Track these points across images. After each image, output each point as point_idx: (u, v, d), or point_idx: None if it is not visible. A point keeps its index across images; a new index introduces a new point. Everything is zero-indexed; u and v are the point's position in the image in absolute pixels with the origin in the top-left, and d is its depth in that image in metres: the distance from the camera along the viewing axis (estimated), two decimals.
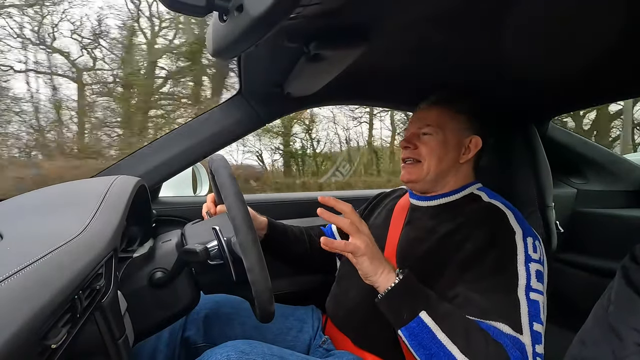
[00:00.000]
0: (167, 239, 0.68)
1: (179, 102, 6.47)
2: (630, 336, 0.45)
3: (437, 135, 0.76)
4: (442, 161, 0.76)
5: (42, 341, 0.28)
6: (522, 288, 0.59)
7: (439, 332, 0.55)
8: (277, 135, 7.59)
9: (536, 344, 0.55)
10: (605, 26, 0.59)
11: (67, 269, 0.34)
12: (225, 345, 0.59)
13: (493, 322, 0.56)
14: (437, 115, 0.78)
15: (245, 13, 0.40)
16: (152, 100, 6.21)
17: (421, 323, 0.56)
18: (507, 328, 0.55)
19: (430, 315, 0.56)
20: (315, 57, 0.67)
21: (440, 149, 0.75)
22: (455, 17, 0.59)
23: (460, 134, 0.77)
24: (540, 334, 0.57)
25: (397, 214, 0.85)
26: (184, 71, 6.44)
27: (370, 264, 0.59)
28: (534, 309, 0.57)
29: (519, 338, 0.55)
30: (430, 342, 0.55)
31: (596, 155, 1.35)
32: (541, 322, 0.57)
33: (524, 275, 0.60)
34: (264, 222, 0.90)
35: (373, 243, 0.61)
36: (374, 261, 0.60)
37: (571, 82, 0.86)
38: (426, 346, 0.55)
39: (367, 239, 0.60)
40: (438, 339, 0.54)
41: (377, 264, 0.60)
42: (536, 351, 0.55)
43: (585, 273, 1.25)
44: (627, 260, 0.51)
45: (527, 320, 0.56)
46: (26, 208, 0.50)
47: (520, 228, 0.66)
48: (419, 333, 0.56)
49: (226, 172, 0.60)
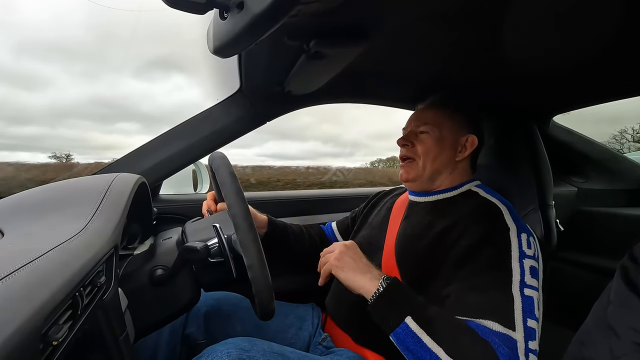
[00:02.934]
0: (167, 236, 0.68)
1: None
2: (628, 335, 0.45)
3: (434, 134, 0.77)
4: (437, 159, 0.77)
5: (43, 338, 0.28)
6: (517, 284, 0.59)
7: (424, 336, 0.55)
8: None
9: (529, 339, 0.55)
10: (606, 24, 0.58)
11: (68, 266, 0.34)
12: (225, 343, 0.59)
13: (482, 321, 0.56)
14: (434, 114, 0.79)
15: (245, 11, 0.40)
16: None
17: (406, 329, 0.57)
18: (497, 326, 0.55)
19: (415, 320, 0.57)
20: (315, 55, 0.66)
21: (436, 147, 0.77)
22: (455, 15, 0.59)
23: (457, 132, 0.77)
24: (535, 330, 0.57)
25: (396, 211, 0.85)
26: None
27: (346, 275, 0.65)
28: (527, 305, 0.58)
29: (509, 335, 0.55)
30: (416, 346, 0.55)
31: (597, 154, 1.35)
32: (535, 318, 0.57)
33: (518, 271, 0.60)
34: (264, 220, 0.90)
35: (348, 255, 0.67)
36: (350, 272, 0.65)
37: (572, 80, 0.86)
38: (413, 351, 0.56)
39: (337, 253, 0.68)
40: (424, 343, 0.55)
41: (356, 273, 0.65)
42: (529, 347, 0.55)
43: (586, 272, 1.25)
44: (626, 259, 0.51)
45: (520, 316, 0.56)
46: (27, 205, 0.50)
47: (514, 224, 0.66)
48: (404, 338, 0.57)
49: (227, 169, 0.60)
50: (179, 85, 32.56)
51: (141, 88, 47.93)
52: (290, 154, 13.97)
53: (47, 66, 30.66)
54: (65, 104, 23.32)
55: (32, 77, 28.88)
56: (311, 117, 16.96)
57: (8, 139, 9.62)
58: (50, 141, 17.72)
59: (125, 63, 21.71)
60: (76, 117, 20.90)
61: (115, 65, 22.46)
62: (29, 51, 25.97)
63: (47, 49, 30.67)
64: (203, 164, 1.37)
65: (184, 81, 21.65)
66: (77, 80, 24.19)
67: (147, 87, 51.47)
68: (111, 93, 24.28)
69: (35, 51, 27.70)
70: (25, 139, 13.95)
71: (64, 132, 17.01)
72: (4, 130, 12.28)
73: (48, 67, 32.59)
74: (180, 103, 18.10)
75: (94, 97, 22.64)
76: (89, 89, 23.03)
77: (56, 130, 20.40)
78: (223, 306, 0.83)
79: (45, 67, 30.54)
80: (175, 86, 40.68)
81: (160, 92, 50.92)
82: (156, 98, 48.03)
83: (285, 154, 13.82)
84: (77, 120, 20.79)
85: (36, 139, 15.43)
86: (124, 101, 23.88)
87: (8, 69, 23.23)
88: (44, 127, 20.44)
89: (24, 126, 16.11)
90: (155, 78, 53.80)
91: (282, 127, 8.98)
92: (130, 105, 27.81)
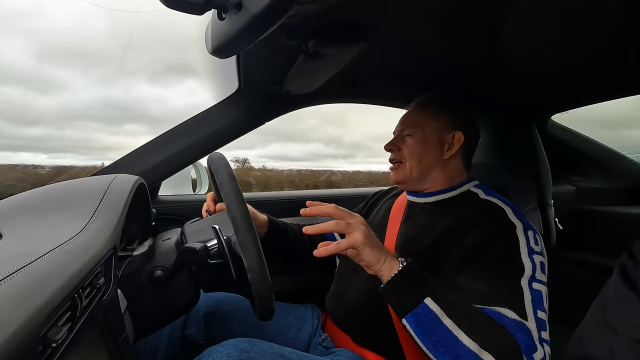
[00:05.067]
0: (166, 237, 0.68)
1: None
2: (626, 332, 0.45)
3: (417, 135, 0.78)
4: (423, 159, 0.77)
5: (42, 339, 0.28)
6: (527, 278, 0.59)
7: (444, 318, 0.54)
8: None
9: (542, 330, 0.56)
10: (605, 23, 0.58)
11: (67, 267, 0.34)
12: (225, 344, 0.59)
13: (498, 308, 0.56)
14: (417, 116, 0.80)
15: (244, 11, 0.40)
16: None
17: (427, 309, 0.55)
18: (512, 313, 0.56)
19: (435, 301, 0.55)
20: (313, 55, 0.66)
21: (420, 148, 0.77)
22: (453, 14, 0.59)
23: (441, 131, 0.77)
24: (545, 321, 0.57)
25: (395, 212, 0.85)
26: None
27: (371, 252, 0.58)
28: (537, 297, 0.58)
29: (524, 323, 0.55)
30: (436, 328, 0.54)
31: (595, 153, 1.35)
32: (544, 311, 0.58)
33: (529, 267, 0.61)
34: (264, 220, 0.90)
35: (369, 230, 0.60)
36: (374, 249, 0.58)
37: (571, 79, 0.86)
38: (432, 332, 0.54)
39: (363, 227, 0.59)
40: (444, 325, 0.54)
41: (379, 251, 0.59)
42: (542, 337, 0.55)
43: (584, 270, 1.25)
44: (624, 257, 0.52)
45: (531, 307, 0.57)
46: (26, 207, 0.50)
47: (520, 222, 0.66)
48: (424, 319, 0.55)
49: (226, 170, 0.60)
50: (191, 89, 31.90)
51: (154, 92, 47.35)
52: (292, 155, 14.02)
53: (66, 71, 30.63)
54: (77, 107, 23.27)
55: (49, 81, 28.78)
56: (316, 119, 16.98)
57: (13, 140, 9.69)
58: (55, 142, 17.45)
59: (142, 68, 21.41)
60: (86, 119, 20.76)
61: (132, 70, 22.27)
62: (51, 56, 25.91)
63: (68, 55, 30.70)
64: (202, 164, 1.37)
65: (196, 85, 21.73)
66: (93, 84, 24.17)
67: (161, 91, 50.80)
68: (124, 96, 24.05)
69: (57, 56, 27.65)
70: (30, 139, 13.86)
71: (70, 133, 16.83)
72: (13, 131, 12.15)
73: (67, 71, 32.38)
74: (190, 106, 18.22)
75: (106, 100, 22.55)
76: (103, 92, 22.92)
77: (63, 131, 20.04)
78: (223, 307, 0.83)
79: (63, 72, 30.47)
80: (188, 90, 39.90)
81: (172, 95, 50.30)
82: (167, 101, 47.35)
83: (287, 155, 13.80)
84: (86, 122, 20.57)
85: (41, 140, 15.23)
86: (136, 105, 23.69)
87: (29, 73, 22.92)
88: (51, 129, 20.27)
89: (31, 127, 16.01)
90: (169, 82, 52.93)
91: (287, 129, 9.11)
92: (141, 108, 27.54)
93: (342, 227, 0.58)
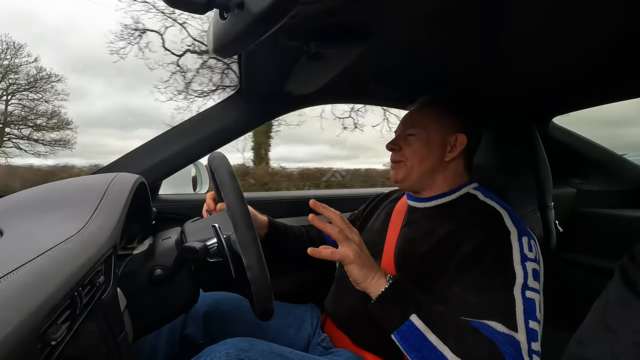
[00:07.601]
0: (166, 236, 0.68)
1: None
2: (627, 335, 0.45)
3: (420, 136, 0.77)
4: (425, 161, 0.76)
5: (42, 337, 0.28)
6: (519, 286, 0.59)
7: (429, 334, 0.55)
8: None
9: (532, 341, 0.56)
10: (606, 26, 0.58)
11: (67, 265, 0.34)
12: (224, 343, 0.59)
13: (487, 321, 0.57)
14: (420, 116, 0.79)
15: (245, 11, 0.40)
16: None
17: (412, 326, 0.57)
18: (501, 326, 0.56)
19: (420, 318, 0.57)
20: (315, 56, 0.66)
21: (423, 148, 0.76)
22: (455, 16, 0.59)
23: (444, 132, 0.77)
24: (537, 332, 0.57)
25: (395, 216, 0.85)
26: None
27: (360, 271, 0.60)
28: (529, 307, 0.58)
29: (513, 336, 0.55)
30: (421, 344, 0.55)
31: (596, 155, 1.35)
32: (537, 320, 0.58)
33: (521, 274, 0.60)
34: (264, 222, 0.90)
35: (363, 250, 0.62)
36: (363, 268, 0.61)
37: (572, 82, 0.86)
38: (417, 348, 0.56)
39: (356, 247, 0.61)
40: (429, 341, 0.55)
41: (367, 271, 0.61)
42: (532, 348, 0.55)
43: (585, 273, 1.25)
44: (625, 260, 0.51)
45: (522, 318, 0.57)
46: (26, 205, 0.50)
47: (515, 228, 0.66)
48: (410, 336, 0.56)
49: (226, 169, 0.60)
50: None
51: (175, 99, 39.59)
52: (297, 157, 13.97)
53: (91, 80, 25.91)
54: (95, 113, 21.46)
55: (73, 90, 25.33)
56: (324, 121, 16.52)
57: (25, 144, 9.70)
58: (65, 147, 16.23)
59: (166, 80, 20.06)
60: (101, 125, 19.27)
61: (156, 78, 21.08)
62: (79, 67, 22.91)
63: (97, 65, 26.63)
64: (202, 164, 1.37)
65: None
66: (116, 92, 22.29)
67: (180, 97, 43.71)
68: (142, 104, 22.31)
69: (85, 67, 24.12)
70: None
71: (81, 138, 16.04)
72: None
73: (92, 80, 26.41)
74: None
75: (125, 107, 20.93)
76: (123, 99, 21.30)
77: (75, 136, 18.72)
78: (222, 306, 0.83)
79: (89, 81, 25.46)
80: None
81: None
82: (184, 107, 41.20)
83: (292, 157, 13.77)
84: (100, 128, 19.10)
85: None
86: (152, 112, 21.49)
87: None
88: (63, 134, 19.16)
89: (46, 132, 15.29)
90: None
91: (294, 132, 9.11)
92: (157, 114, 24.70)
93: (338, 237, 0.61)
